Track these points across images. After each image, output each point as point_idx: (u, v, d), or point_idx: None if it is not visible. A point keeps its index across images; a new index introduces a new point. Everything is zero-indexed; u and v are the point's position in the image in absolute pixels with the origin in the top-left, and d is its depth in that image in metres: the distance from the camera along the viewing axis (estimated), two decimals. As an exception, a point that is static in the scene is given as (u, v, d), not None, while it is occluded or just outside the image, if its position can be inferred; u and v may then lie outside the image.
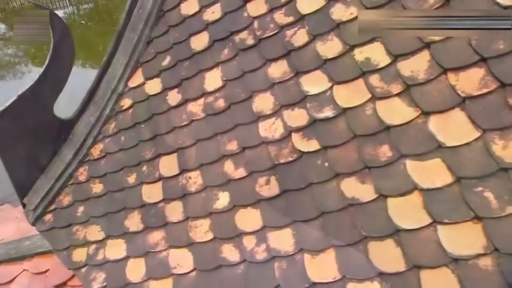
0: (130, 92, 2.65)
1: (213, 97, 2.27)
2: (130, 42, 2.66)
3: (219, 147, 2.14)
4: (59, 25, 2.46)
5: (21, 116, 2.46)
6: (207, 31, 2.41)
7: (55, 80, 2.55)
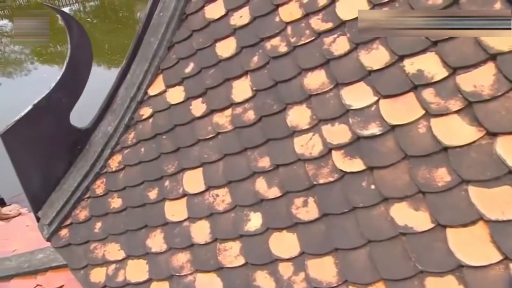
0: (150, 101, 2.50)
1: (242, 108, 2.11)
2: (150, 46, 2.51)
3: (250, 163, 1.99)
4: (76, 29, 2.31)
5: (36, 126, 2.32)
6: (235, 36, 2.25)
7: (72, 87, 2.41)
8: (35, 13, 16.87)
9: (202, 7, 2.42)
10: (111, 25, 18.21)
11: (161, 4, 2.53)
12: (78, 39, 2.32)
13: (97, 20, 19.40)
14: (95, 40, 17.19)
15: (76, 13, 19.65)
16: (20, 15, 18.45)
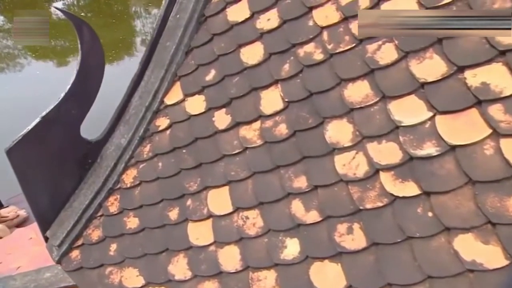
0: (167, 110, 2.30)
1: (272, 121, 1.93)
2: (166, 51, 2.31)
3: (284, 182, 1.81)
4: (87, 33, 2.11)
5: (44, 140, 2.13)
6: (262, 41, 2.06)
7: (83, 96, 2.21)
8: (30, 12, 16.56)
9: (224, 9, 2.22)
10: (105, 19, 17.89)
11: (177, 5, 2.32)
12: (89, 44, 2.12)
13: (91, 15, 19.05)
14: None
15: (70, 7, 19.29)
16: (13, 9, 18.08)
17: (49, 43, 16.72)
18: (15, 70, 15.15)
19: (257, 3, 2.10)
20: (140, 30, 18.21)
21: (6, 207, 7.01)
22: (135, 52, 15.96)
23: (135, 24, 18.67)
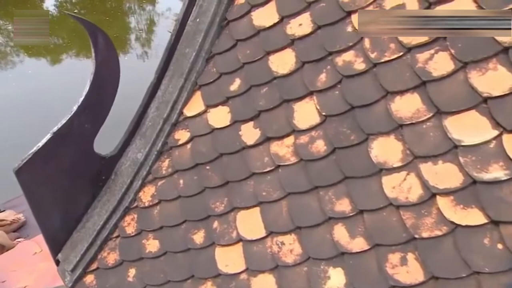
0: (187, 122, 2.13)
1: (308, 136, 1.76)
2: (185, 58, 2.14)
3: (324, 205, 1.65)
4: (102, 41, 1.93)
5: (56, 157, 1.95)
6: (293, 48, 1.89)
7: (97, 109, 2.03)
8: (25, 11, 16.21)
9: (248, 12, 2.05)
10: (99, 16, 17.61)
11: (196, 8, 2.15)
12: (104, 53, 1.94)
13: (85, 12, 18.74)
14: (83, 32, 16.57)
15: (63, 4, 18.98)
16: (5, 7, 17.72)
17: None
18: (7, 68, 14.83)
19: (287, 7, 1.93)
20: (134, 27, 17.95)
21: (3, 211, 6.82)
22: (130, 49, 15.73)
23: (129, 21, 18.41)
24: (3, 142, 9.73)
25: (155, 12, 18.72)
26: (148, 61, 14.89)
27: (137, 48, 16.00)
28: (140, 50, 15.92)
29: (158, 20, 18.61)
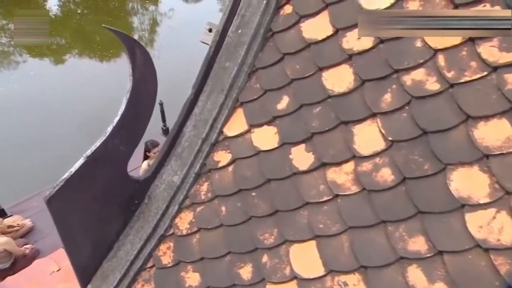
0: (228, 143, 1.95)
1: (371, 164, 1.58)
2: (226, 73, 1.95)
3: (394, 243, 1.46)
4: (141, 56, 1.74)
5: (89, 183, 1.77)
6: (350, 64, 1.70)
7: (132, 129, 1.85)
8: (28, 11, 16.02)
9: (297, 23, 1.86)
10: (102, 16, 17.46)
11: (238, 18, 1.96)
12: (142, 69, 1.75)
13: (88, 12, 18.57)
14: (86, 32, 16.48)
15: (66, 4, 18.81)
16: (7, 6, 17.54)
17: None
18: (10, 68, 14.65)
19: (342, 18, 1.74)
20: (137, 27, 17.81)
21: (10, 216, 6.64)
22: None
23: (132, 21, 18.25)
24: (3, 142, 9.57)
25: (158, 12, 18.56)
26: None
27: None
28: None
29: (161, 20, 18.44)
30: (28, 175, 8.47)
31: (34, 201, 7.13)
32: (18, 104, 11.06)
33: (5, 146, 9.50)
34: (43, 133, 9.96)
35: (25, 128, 10.16)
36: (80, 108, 10.81)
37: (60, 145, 9.37)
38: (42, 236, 6.47)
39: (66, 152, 9.24)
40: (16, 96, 11.45)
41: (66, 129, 10.10)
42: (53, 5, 18.57)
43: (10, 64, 14.77)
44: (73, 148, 9.46)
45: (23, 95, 11.44)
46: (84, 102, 11.09)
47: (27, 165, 8.83)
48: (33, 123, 10.38)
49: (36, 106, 10.85)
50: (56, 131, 10.00)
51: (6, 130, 10.04)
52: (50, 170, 8.58)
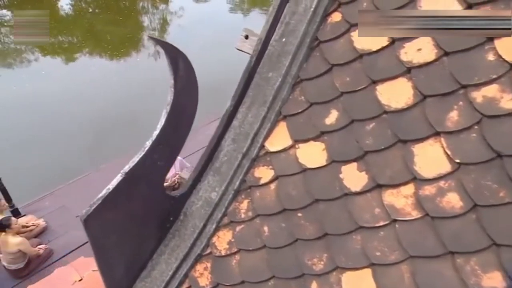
0: (270, 158, 1.81)
1: (435, 187, 1.43)
2: (268, 84, 1.81)
3: (464, 277, 1.32)
4: (183, 66, 1.61)
5: (125, 200, 1.64)
6: (409, 78, 1.55)
7: (171, 144, 1.72)
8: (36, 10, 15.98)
9: (347, 32, 1.72)
10: (113, 16, 17.44)
11: (282, 26, 1.82)
12: (184, 80, 1.62)
13: (99, 11, 18.56)
14: (97, 31, 16.47)
15: (77, 3, 18.81)
16: (21, 5, 17.56)
17: (57, 39, 16.29)
18: (22, 66, 14.64)
19: (399, 27, 1.59)
20: (148, 26, 17.78)
21: (24, 216, 6.58)
22: (142, 49, 15.59)
23: (142, 20, 18.22)
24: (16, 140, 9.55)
25: (168, 11, 18.50)
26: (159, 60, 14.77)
27: (149, 47, 15.83)
28: (152, 49, 15.74)
29: (171, 20, 18.39)
30: (40, 173, 8.43)
31: (46, 200, 7.06)
32: (30, 103, 11.04)
33: (17, 144, 9.46)
34: (53, 131, 9.91)
35: (36, 126, 10.13)
36: (90, 107, 10.76)
37: (70, 144, 9.32)
38: (56, 236, 6.40)
39: (77, 150, 9.21)
40: (28, 95, 11.44)
41: (76, 128, 10.05)
42: (65, 4, 18.55)
43: (23, 62, 14.75)
44: (84, 146, 9.43)
45: (35, 94, 11.42)
46: (94, 101, 11.05)
47: (39, 163, 8.79)
48: (43, 122, 10.34)
49: (48, 105, 10.83)
50: (66, 130, 9.96)
51: (19, 128, 10.01)
52: (61, 167, 8.55)
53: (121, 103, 10.82)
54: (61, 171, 8.37)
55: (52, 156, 9.03)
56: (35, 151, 9.21)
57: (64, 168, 8.58)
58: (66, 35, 16.75)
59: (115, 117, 10.26)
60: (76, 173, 7.76)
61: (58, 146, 9.39)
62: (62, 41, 16.29)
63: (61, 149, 9.27)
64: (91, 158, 8.94)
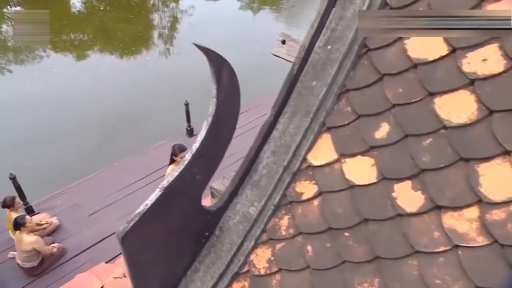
0: (313, 172, 1.69)
1: (505, 212, 1.30)
2: (312, 93, 1.69)
3: (541, 313, 1.19)
4: (227, 78, 1.48)
5: (163, 216, 1.53)
6: (473, 91, 1.42)
7: (211, 157, 1.60)
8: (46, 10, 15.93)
9: (400, 39, 1.59)
10: (124, 14, 17.40)
11: (327, 32, 1.69)
12: (227, 90, 1.50)
13: (110, 8, 18.52)
14: (108, 29, 16.45)
15: (89, 0, 18.80)
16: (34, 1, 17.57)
17: (68, 37, 16.30)
18: (34, 62, 14.64)
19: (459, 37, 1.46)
20: (158, 24, 17.74)
21: (37, 214, 6.53)
22: (153, 46, 15.58)
23: (152, 18, 18.19)
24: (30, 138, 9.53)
25: (178, 9, 18.43)
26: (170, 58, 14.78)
27: (160, 45, 15.80)
28: (162, 47, 15.71)
29: (181, 18, 18.31)
30: (52, 170, 8.39)
31: (59, 199, 7.00)
32: (42, 100, 11.03)
33: (31, 141, 9.43)
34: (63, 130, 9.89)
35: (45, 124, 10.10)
36: (99, 105, 10.73)
37: (79, 142, 9.28)
38: (69, 234, 6.35)
39: (86, 148, 9.16)
40: (40, 92, 11.43)
41: (86, 126, 10.02)
42: (77, 1, 18.53)
43: (35, 58, 14.74)
44: (93, 145, 9.38)
45: (46, 92, 11.40)
46: (103, 99, 11.01)
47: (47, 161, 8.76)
48: (52, 120, 10.31)
49: (58, 103, 10.80)
50: (76, 128, 9.93)
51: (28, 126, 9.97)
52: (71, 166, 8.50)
53: (130, 101, 10.78)
54: (71, 170, 8.34)
55: (60, 154, 9.00)
56: (44, 149, 9.18)
57: (73, 166, 8.55)
58: (77, 33, 16.76)
59: (124, 115, 10.22)
60: (85, 171, 7.72)
61: (67, 144, 9.37)
62: (73, 38, 16.29)
63: (71, 147, 9.25)
64: (102, 156, 8.91)
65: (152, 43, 15.90)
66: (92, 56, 14.94)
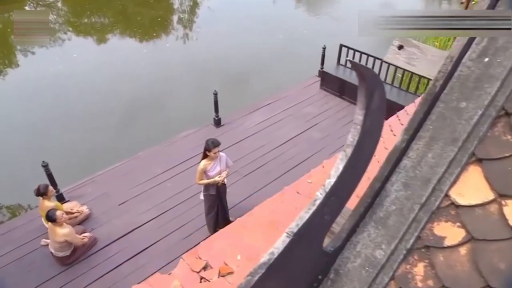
0: (458, 213, 1.35)
1: None
2: (459, 116, 1.34)
3: None
4: (377, 102, 1.14)
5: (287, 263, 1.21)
6: None
7: (344, 194, 1.27)
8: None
9: None
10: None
11: (482, 41, 1.33)
12: (374, 116, 1.16)
13: (130, -8, 18.08)
14: (128, 13, 16.10)
15: (109, -16, 18.43)
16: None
17: (90, 20, 16.09)
18: (56, 44, 14.41)
19: None
20: (178, 8, 17.43)
21: (68, 201, 6.36)
22: (172, 31, 15.35)
23: (172, 2, 17.85)
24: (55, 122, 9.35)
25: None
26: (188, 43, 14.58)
27: (179, 29, 15.53)
28: (182, 31, 15.43)
29: (201, 2, 17.93)
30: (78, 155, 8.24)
31: (88, 187, 6.81)
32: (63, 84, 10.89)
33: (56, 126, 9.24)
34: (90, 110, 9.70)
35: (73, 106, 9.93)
36: (121, 88, 10.53)
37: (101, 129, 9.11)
38: (99, 224, 6.19)
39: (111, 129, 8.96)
40: (60, 76, 11.28)
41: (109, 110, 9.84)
42: (98, -15, 18.11)
43: (56, 40, 14.53)
44: (121, 125, 9.18)
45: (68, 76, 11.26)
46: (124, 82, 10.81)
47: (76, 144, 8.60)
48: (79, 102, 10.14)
49: (80, 86, 10.62)
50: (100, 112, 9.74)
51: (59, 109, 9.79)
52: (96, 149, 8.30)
53: (150, 87, 10.53)
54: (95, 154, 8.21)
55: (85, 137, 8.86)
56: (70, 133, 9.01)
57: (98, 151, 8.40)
58: (99, 16, 16.50)
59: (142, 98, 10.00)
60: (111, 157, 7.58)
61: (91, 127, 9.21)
62: (95, 21, 16.05)
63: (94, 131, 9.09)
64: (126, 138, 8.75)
65: (172, 27, 15.60)
66: (112, 40, 14.71)
